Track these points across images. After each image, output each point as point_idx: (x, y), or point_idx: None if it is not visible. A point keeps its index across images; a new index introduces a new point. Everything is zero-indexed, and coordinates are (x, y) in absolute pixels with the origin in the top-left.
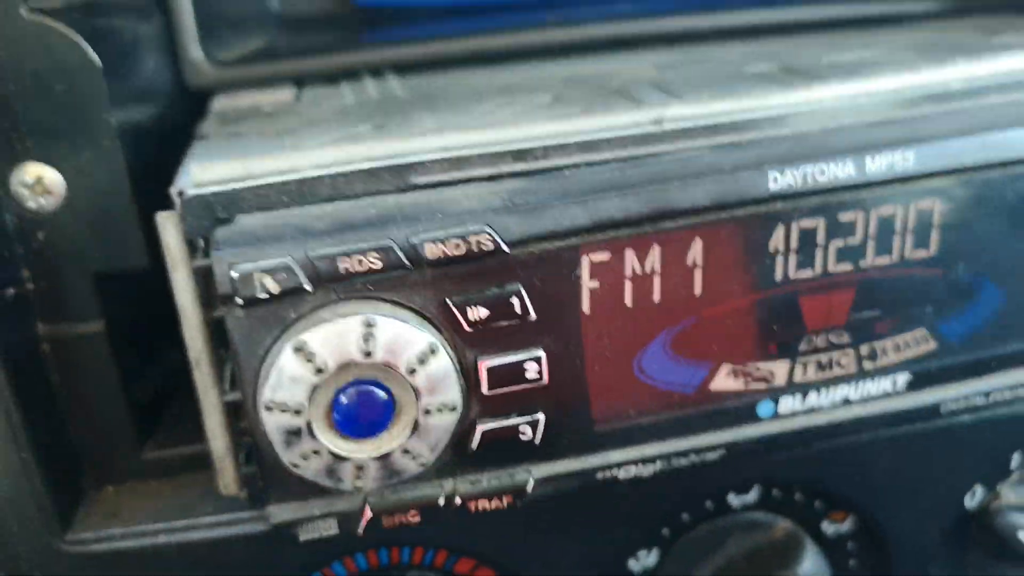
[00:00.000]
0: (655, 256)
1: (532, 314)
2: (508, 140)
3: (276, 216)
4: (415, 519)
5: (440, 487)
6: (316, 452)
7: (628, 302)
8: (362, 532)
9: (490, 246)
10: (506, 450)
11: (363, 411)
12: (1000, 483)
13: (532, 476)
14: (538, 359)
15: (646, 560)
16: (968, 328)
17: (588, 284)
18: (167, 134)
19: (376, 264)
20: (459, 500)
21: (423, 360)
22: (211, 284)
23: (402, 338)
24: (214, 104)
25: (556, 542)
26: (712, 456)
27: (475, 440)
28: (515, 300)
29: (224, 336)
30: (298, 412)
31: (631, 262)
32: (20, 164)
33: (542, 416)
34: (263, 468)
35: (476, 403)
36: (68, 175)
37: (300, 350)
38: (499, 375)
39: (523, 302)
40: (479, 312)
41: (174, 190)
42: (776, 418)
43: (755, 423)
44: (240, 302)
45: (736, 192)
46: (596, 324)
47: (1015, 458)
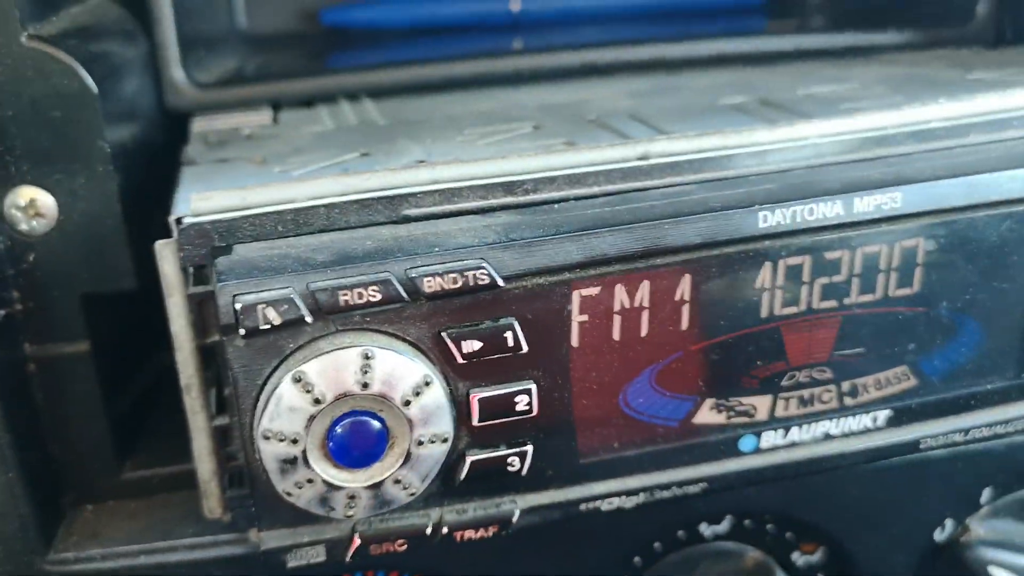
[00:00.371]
0: (644, 292)
1: (524, 347)
2: (498, 173)
3: (276, 246)
4: (402, 548)
5: (427, 516)
6: (310, 481)
7: (616, 336)
8: (350, 559)
9: (486, 280)
10: (493, 480)
11: (358, 441)
12: (970, 517)
13: (518, 507)
14: (528, 391)
15: None
16: (949, 365)
17: (578, 318)
18: (148, 155)
19: (375, 297)
20: (446, 529)
21: (418, 392)
22: (205, 311)
23: (398, 370)
24: (194, 126)
25: (527, 569)
26: (694, 489)
27: (464, 470)
28: (508, 334)
29: (214, 362)
30: (295, 441)
31: (620, 297)
32: (14, 187)
33: (530, 447)
34: (255, 495)
35: (466, 434)
36: (61, 198)
37: (299, 380)
38: (490, 407)
39: (516, 335)
40: (473, 345)
41: (172, 218)
42: (758, 452)
43: (737, 457)
44: (242, 332)
45: (727, 230)
46: (584, 357)
47: (985, 493)
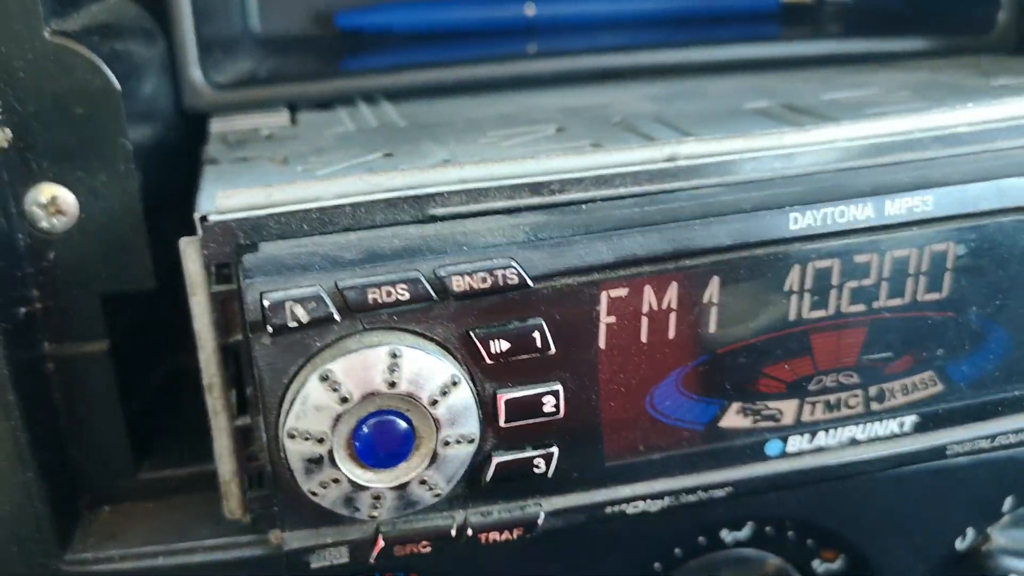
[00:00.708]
0: (672, 293)
1: (552, 348)
2: (525, 173)
3: (303, 244)
4: (426, 549)
5: (452, 518)
6: (336, 481)
7: (643, 338)
8: (373, 560)
9: (515, 280)
10: (518, 482)
11: (384, 441)
12: (991, 526)
13: (543, 509)
14: (555, 392)
15: None
16: (976, 371)
17: (606, 319)
18: (167, 156)
19: (403, 295)
20: (470, 531)
21: (445, 392)
22: (228, 309)
23: (426, 369)
24: (212, 127)
25: (547, 572)
26: (719, 493)
27: (490, 472)
28: (536, 334)
29: (235, 362)
30: (321, 440)
31: (648, 299)
32: (36, 184)
33: (556, 449)
34: (279, 495)
35: (492, 435)
36: (82, 196)
37: (326, 379)
38: (517, 408)
39: (544, 336)
40: (501, 345)
41: (196, 216)
42: (784, 457)
43: (763, 461)
44: (269, 330)
45: (757, 232)
46: (612, 359)
47: (1007, 501)
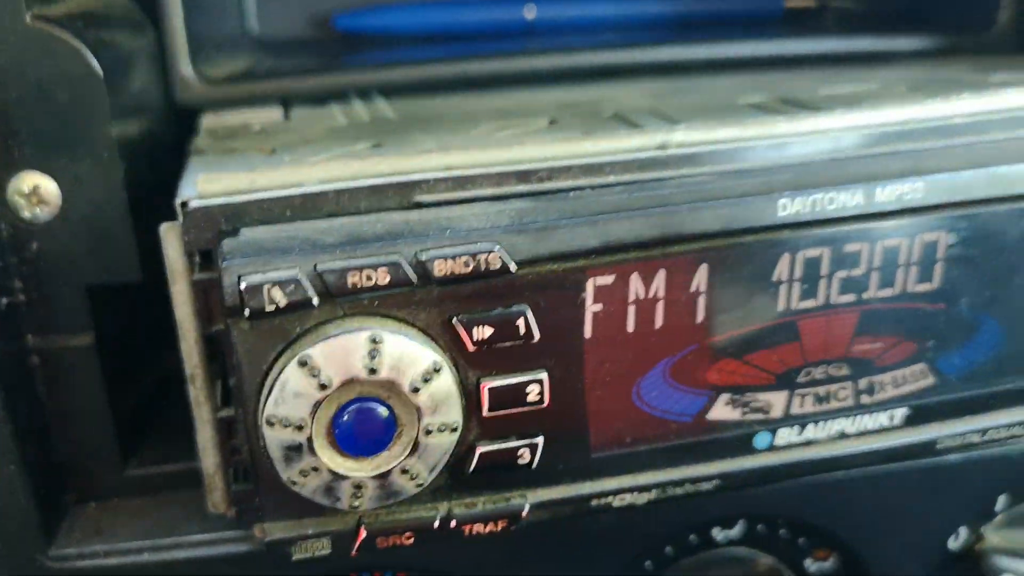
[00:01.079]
0: (660, 281)
1: (536, 336)
2: (512, 160)
3: (283, 229)
4: (409, 541)
5: (435, 509)
6: (316, 469)
7: (630, 327)
8: (355, 552)
9: (498, 265)
10: (503, 473)
11: (365, 429)
12: (984, 525)
13: (528, 501)
14: (540, 381)
15: None
16: (967, 364)
17: (592, 307)
18: (156, 149)
19: (384, 279)
20: (454, 523)
21: (427, 379)
22: (211, 298)
23: (407, 356)
24: (203, 121)
25: (537, 571)
26: (707, 486)
27: (473, 462)
28: (520, 321)
29: (220, 352)
30: (300, 428)
31: (635, 287)
32: (17, 173)
33: (541, 440)
34: (259, 485)
35: (476, 424)
36: (65, 185)
37: (305, 364)
38: (501, 396)
39: (528, 323)
40: (484, 331)
41: (177, 201)
42: (772, 450)
43: (751, 454)
44: (247, 314)
45: (745, 218)
46: (598, 348)
47: (1001, 500)
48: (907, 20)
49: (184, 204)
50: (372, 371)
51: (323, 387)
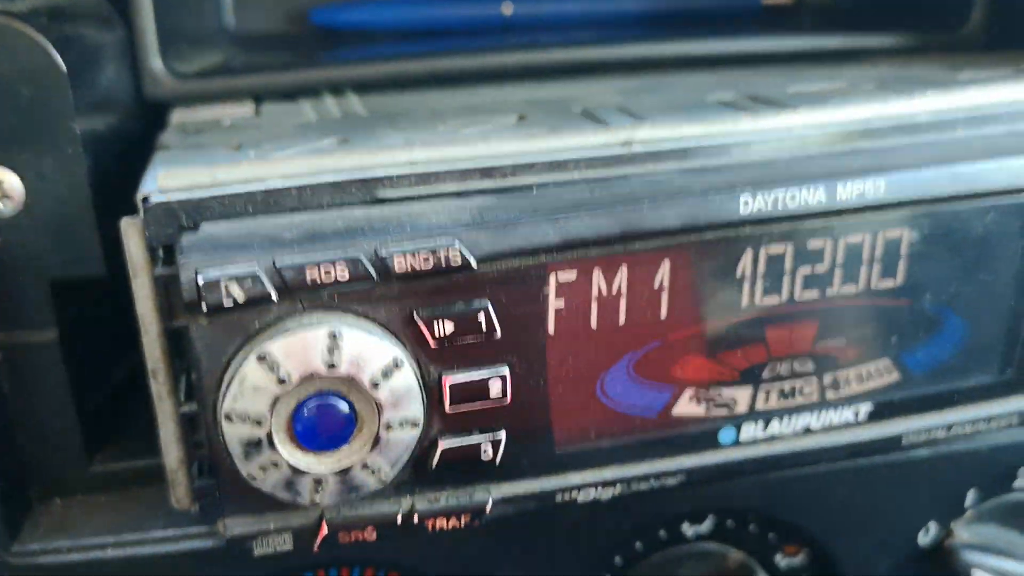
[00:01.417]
0: (622, 277)
1: (498, 331)
2: (476, 156)
3: (243, 224)
4: (371, 536)
5: (398, 504)
6: (275, 464)
7: (593, 323)
8: (317, 548)
9: (459, 261)
10: (466, 469)
11: (325, 424)
12: (954, 520)
13: (491, 496)
14: (502, 377)
15: None
16: (932, 360)
17: (554, 304)
18: (124, 144)
19: (343, 275)
20: (417, 518)
21: (387, 374)
22: (172, 293)
23: (367, 351)
24: (173, 116)
25: (508, 568)
26: (672, 481)
27: (435, 457)
28: (482, 316)
29: (182, 347)
30: (259, 423)
31: (598, 282)
32: None
33: (504, 435)
34: (220, 480)
35: (438, 420)
36: (28, 180)
37: (263, 359)
38: (462, 392)
39: (489, 318)
40: (445, 327)
41: (138, 196)
42: (737, 445)
43: (716, 449)
44: (205, 309)
45: (707, 214)
46: (561, 344)
47: (970, 496)
48: (882, 17)
49: (145, 199)
50: (331, 366)
51: (282, 382)
